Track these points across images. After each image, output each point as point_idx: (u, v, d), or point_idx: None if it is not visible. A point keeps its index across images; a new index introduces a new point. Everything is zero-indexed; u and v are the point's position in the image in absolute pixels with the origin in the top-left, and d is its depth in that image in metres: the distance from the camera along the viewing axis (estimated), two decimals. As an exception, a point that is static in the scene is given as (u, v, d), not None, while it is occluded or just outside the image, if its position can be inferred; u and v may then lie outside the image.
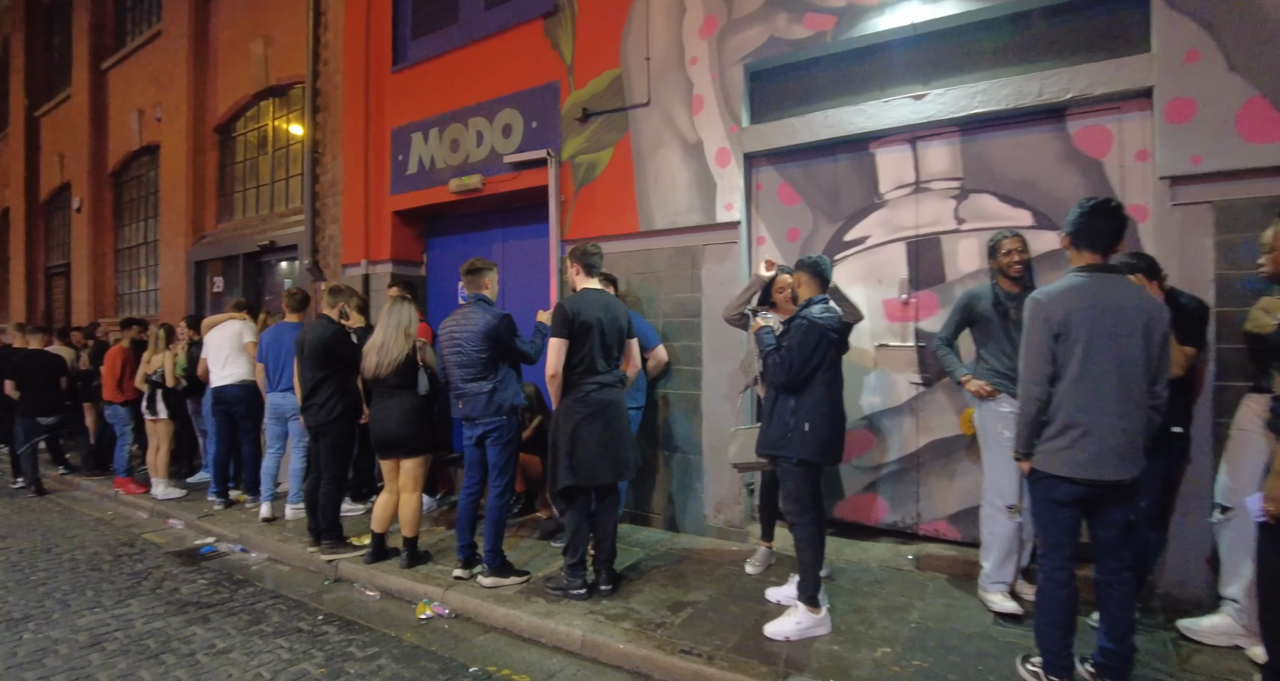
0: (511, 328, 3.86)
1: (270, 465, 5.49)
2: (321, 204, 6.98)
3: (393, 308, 4.11)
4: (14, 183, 14.17)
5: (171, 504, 6.01)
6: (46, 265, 13.66)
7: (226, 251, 8.48)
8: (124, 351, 6.72)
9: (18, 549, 4.96)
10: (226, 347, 5.72)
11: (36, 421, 6.82)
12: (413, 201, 6.13)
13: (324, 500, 4.41)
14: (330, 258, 6.88)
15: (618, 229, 4.83)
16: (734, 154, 4.42)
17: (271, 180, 8.37)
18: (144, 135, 10.33)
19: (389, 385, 4.07)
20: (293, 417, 5.33)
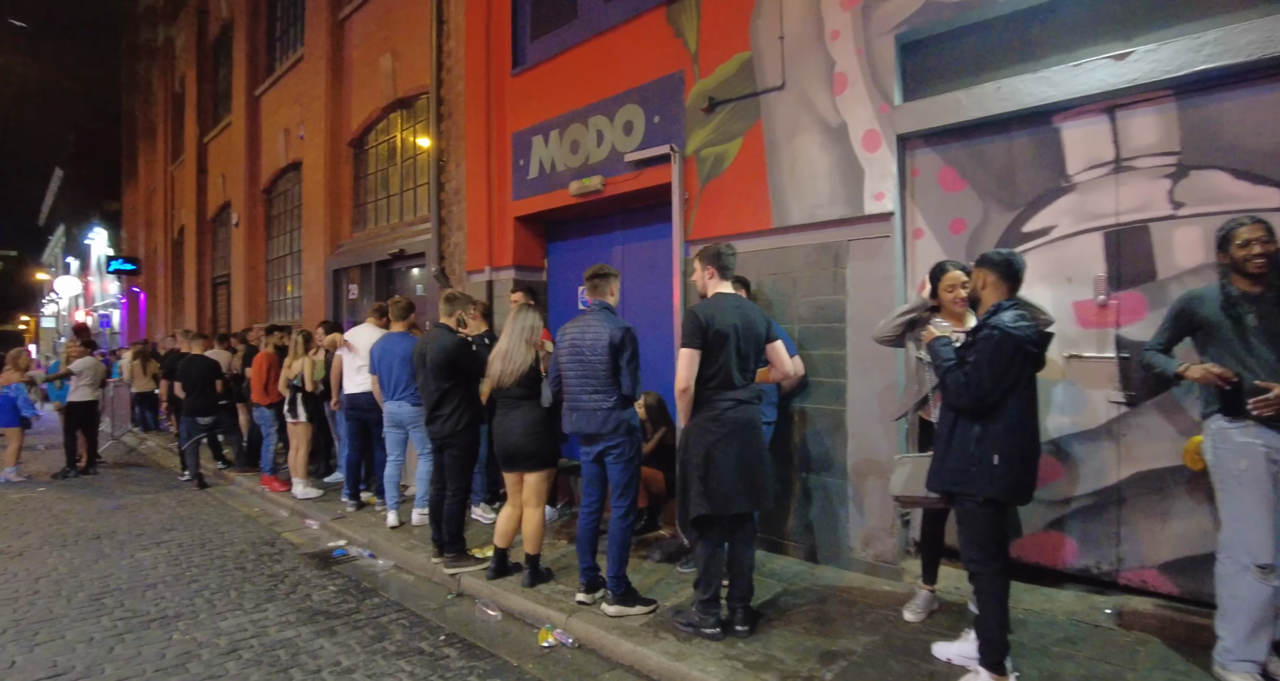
0: (634, 341, 3.57)
1: (392, 473, 5.54)
2: (447, 211, 7.05)
3: (517, 315, 3.94)
4: (187, 202, 15.78)
5: (309, 503, 6.24)
6: (212, 276, 15.08)
7: (360, 260, 8.85)
8: (269, 356, 7.09)
9: (178, 543, 5.27)
10: (361, 357, 5.83)
11: (196, 421, 7.35)
12: (534, 206, 6.02)
13: (448, 511, 4.31)
14: (455, 264, 6.94)
15: (748, 226, 4.43)
16: (885, 136, 3.89)
17: (400, 190, 8.64)
18: (289, 153, 11.07)
19: (512, 396, 3.89)
20: (411, 425, 5.35)
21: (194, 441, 7.45)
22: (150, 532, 5.57)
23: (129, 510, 6.37)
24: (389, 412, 5.42)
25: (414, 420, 5.34)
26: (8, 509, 6.48)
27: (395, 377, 5.29)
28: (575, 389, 3.63)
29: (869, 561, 3.95)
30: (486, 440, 5.24)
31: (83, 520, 5.99)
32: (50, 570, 4.64)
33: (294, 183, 11.32)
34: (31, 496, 7.04)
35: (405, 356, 5.28)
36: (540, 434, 3.88)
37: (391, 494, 5.49)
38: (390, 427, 5.47)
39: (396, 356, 5.29)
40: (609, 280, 3.72)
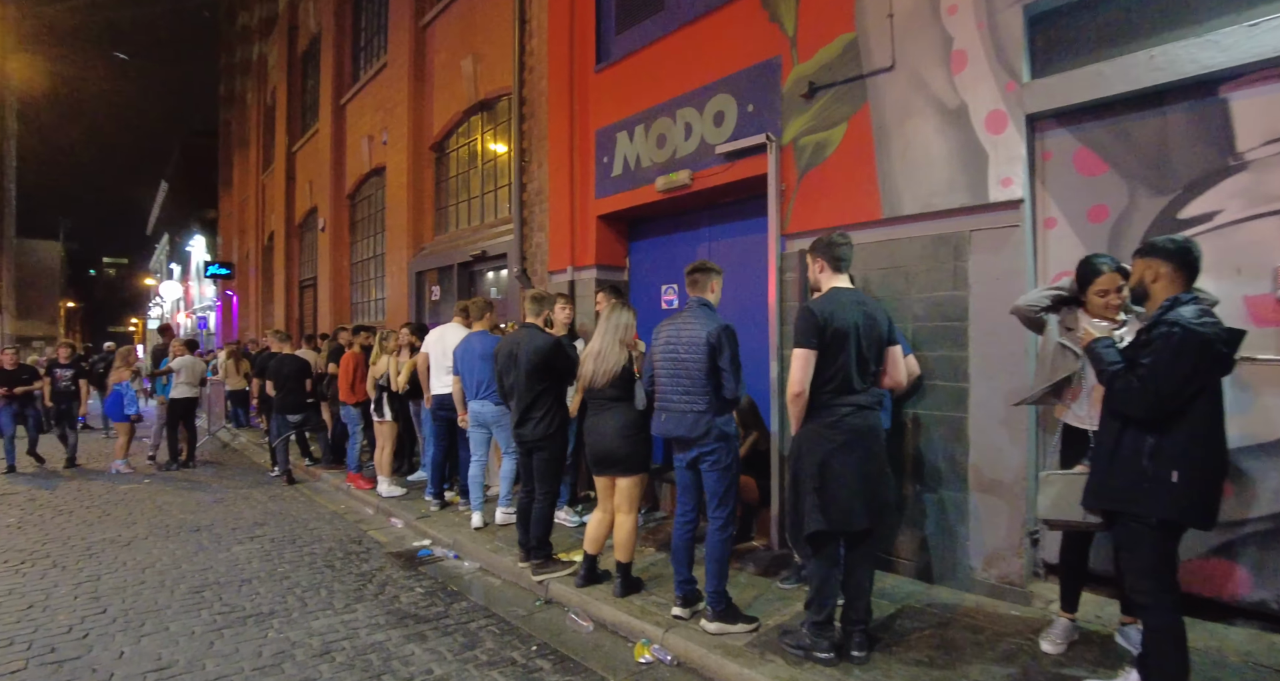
0: (733, 341, 3.34)
1: (476, 473, 5.50)
2: (528, 212, 7.01)
3: (611, 314, 3.78)
4: (277, 209, 16.50)
5: (393, 501, 6.27)
6: (300, 279, 15.70)
7: (442, 262, 8.94)
8: (355, 356, 7.21)
9: (270, 538, 5.36)
10: (449, 357, 5.82)
11: (286, 418, 7.55)
12: (617, 204, 5.88)
13: (537, 515, 4.19)
14: (537, 265, 6.88)
15: (853, 217, 4.13)
16: (1011, 117, 3.54)
17: (481, 192, 8.68)
18: (372, 158, 11.36)
19: (604, 397, 3.73)
20: (495, 424, 5.29)
21: (283, 438, 7.66)
22: (244, 527, 5.70)
23: (224, 504, 6.57)
24: (472, 412, 5.40)
25: (497, 419, 5.28)
26: (118, 499, 6.79)
27: (477, 377, 5.26)
28: (667, 389, 3.44)
29: (992, 583, 3.58)
30: (574, 441, 5.13)
31: (183, 512, 6.20)
32: (155, 560, 4.77)
33: (377, 187, 11.61)
34: (138, 488, 7.38)
35: (486, 355, 5.22)
36: (634, 437, 3.70)
37: (476, 494, 5.44)
38: (474, 427, 5.45)
39: (477, 355, 5.26)
40: (710, 276, 3.52)
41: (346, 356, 7.16)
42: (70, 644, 3.42)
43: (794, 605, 3.60)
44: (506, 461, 5.39)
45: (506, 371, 4.33)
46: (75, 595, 4.10)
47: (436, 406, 5.86)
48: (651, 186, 5.48)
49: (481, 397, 5.28)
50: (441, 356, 5.84)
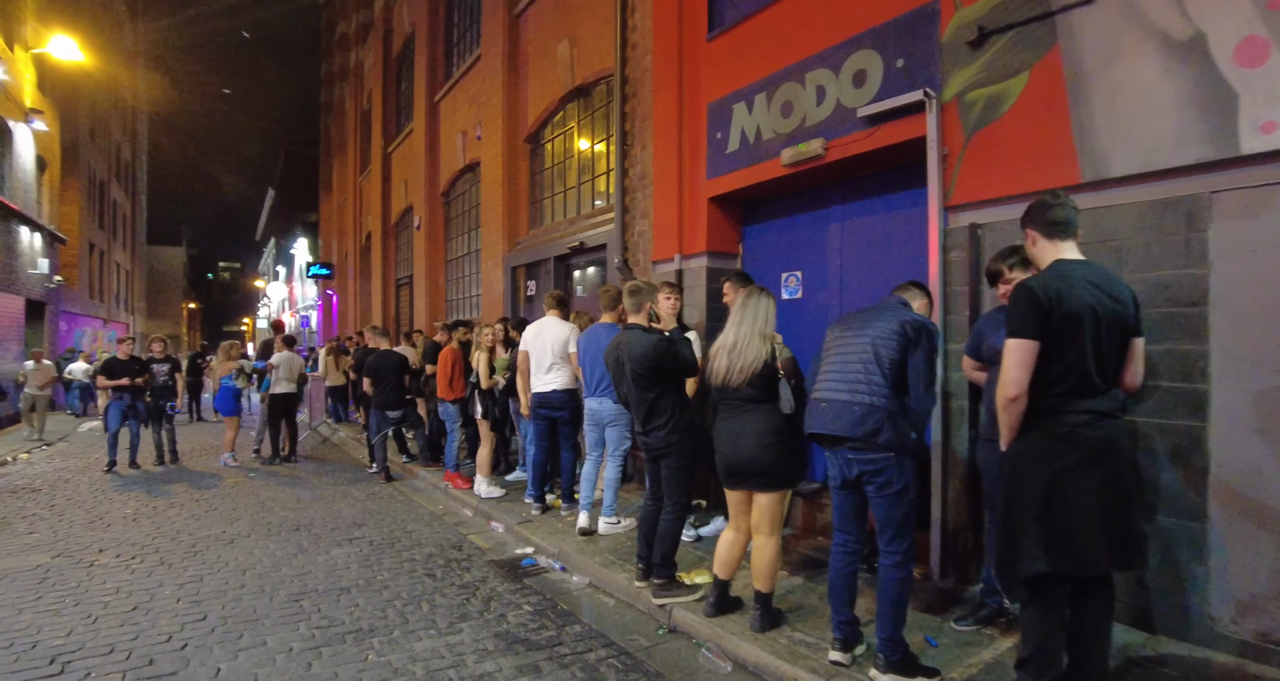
0: (932, 342, 2.76)
1: (589, 472, 5.11)
2: (630, 199, 6.56)
3: (747, 301, 3.24)
4: (374, 210, 16.88)
5: (492, 503, 5.96)
6: (396, 277, 15.96)
7: (538, 256, 8.65)
8: (453, 352, 6.97)
9: (369, 540, 5.12)
10: (550, 353, 5.44)
11: (385, 415, 7.41)
12: (733, 183, 5.32)
13: (664, 529, 3.69)
14: (640, 254, 6.42)
15: (1039, 182, 3.41)
16: (1276, 43, 2.75)
17: (578, 182, 8.32)
18: (466, 154, 11.26)
19: (741, 397, 3.19)
20: (610, 423, 4.87)
21: (382, 435, 7.53)
22: (343, 527, 5.50)
23: (324, 501, 6.45)
24: (589, 410, 4.99)
25: (614, 419, 4.87)
26: (224, 494, 6.81)
27: (599, 373, 4.85)
28: (834, 379, 2.84)
29: (1245, 639, 2.81)
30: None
31: (285, 509, 6.11)
32: (256, 561, 4.60)
33: (471, 184, 11.52)
34: (244, 482, 7.42)
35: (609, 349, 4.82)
36: (777, 445, 3.15)
37: (586, 492, 5.04)
38: (590, 426, 5.03)
39: (599, 350, 4.86)
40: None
41: (445, 352, 6.94)
42: (168, 656, 3.20)
43: (978, 654, 2.95)
44: (611, 466, 4.96)
45: (617, 380, 3.86)
46: (178, 597, 3.93)
47: (536, 404, 5.49)
48: (774, 161, 4.90)
49: (599, 395, 4.90)
50: (540, 352, 5.46)
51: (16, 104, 14.72)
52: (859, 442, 2.73)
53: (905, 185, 4.36)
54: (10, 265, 14.44)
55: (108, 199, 26.61)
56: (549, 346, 5.43)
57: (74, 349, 21.66)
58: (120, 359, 8.25)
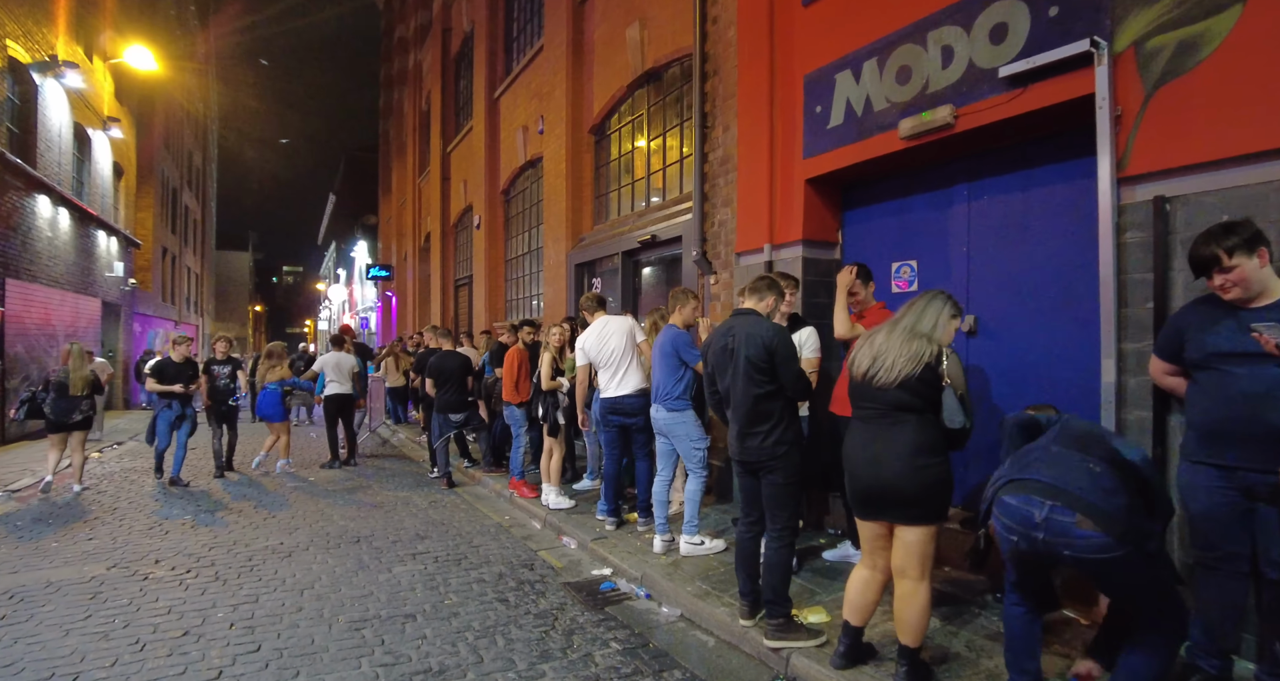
0: None
1: (660, 491, 4.61)
2: (710, 186, 6.02)
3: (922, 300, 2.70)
4: (433, 211, 16.79)
5: (561, 515, 5.50)
6: (455, 278, 15.81)
7: (604, 252, 8.20)
8: (519, 353, 6.56)
9: (434, 556, 4.71)
10: (620, 352, 4.95)
11: (449, 418, 7.05)
12: (835, 161, 4.73)
13: (770, 559, 3.14)
14: (721, 246, 5.87)
15: (1256, 143, 2.73)
16: None
17: (647, 173, 7.84)
18: (527, 150, 10.92)
19: (887, 403, 2.61)
20: (671, 434, 4.42)
21: (444, 439, 7.18)
22: (405, 540, 5.12)
23: (384, 510, 6.11)
24: (653, 419, 4.52)
25: (670, 428, 4.45)
26: (283, 500, 6.55)
27: (658, 376, 4.44)
28: None
29: None
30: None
31: (344, 519, 5.78)
32: (314, 579, 4.23)
33: (532, 180, 11.18)
34: (302, 487, 7.17)
35: (666, 353, 4.38)
36: (932, 467, 2.56)
37: (660, 515, 4.56)
38: (657, 437, 4.58)
39: (658, 352, 4.44)
40: None
41: (510, 353, 6.53)
42: (218, 695, 2.81)
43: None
44: (692, 480, 4.43)
45: (720, 370, 3.31)
46: (231, 621, 3.57)
47: (607, 410, 5.00)
48: (888, 134, 4.29)
49: (657, 401, 4.46)
50: (607, 354, 4.98)
51: (95, 112, 15.14)
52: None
53: (1056, 156, 3.71)
54: (88, 268, 14.84)
55: (180, 204, 27.53)
56: (617, 345, 4.94)
57: (150, 350, 22.48)
58: (174, 361, 7.38)
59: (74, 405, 6.71)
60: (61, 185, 12.94)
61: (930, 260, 4.49)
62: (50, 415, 6.66)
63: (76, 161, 14.40)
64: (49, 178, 12.24)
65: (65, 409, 6.68)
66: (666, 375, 4.39)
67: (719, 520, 5.13)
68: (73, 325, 13.81)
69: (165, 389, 7.26)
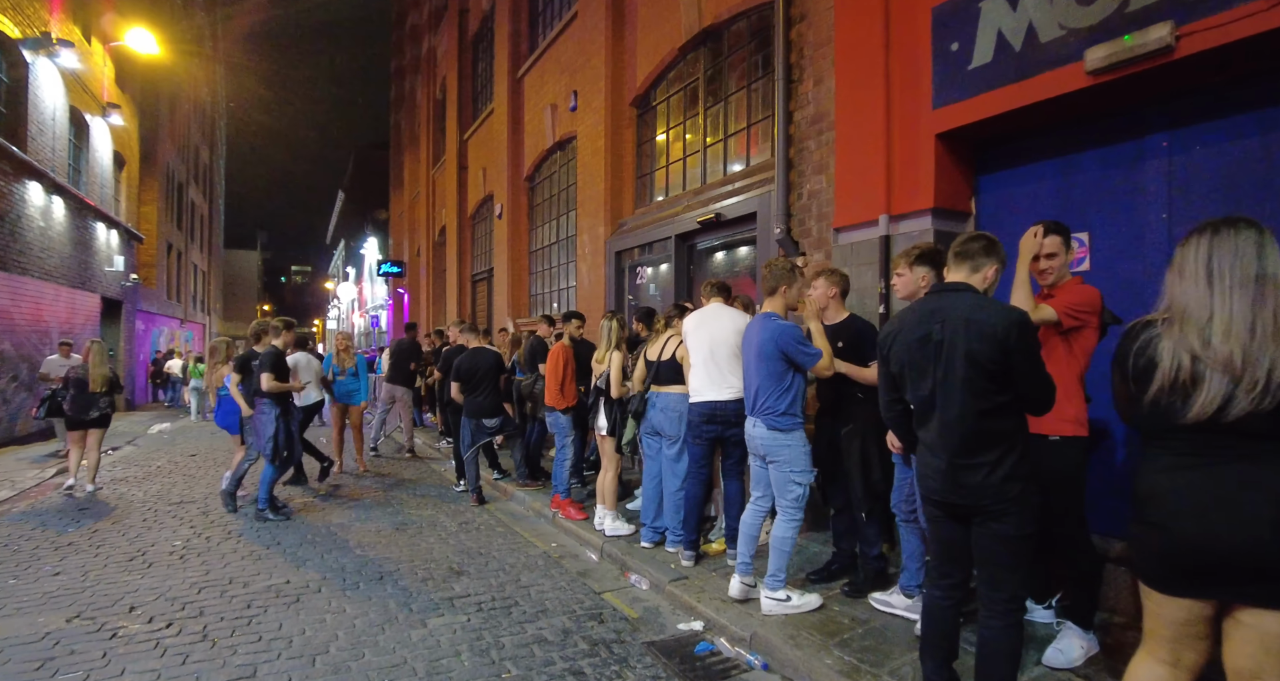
0: None
1: (751, 522, 3.65)
2: (797, 151, 5.07)
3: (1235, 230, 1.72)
4: (448, 202, 15.89)
5: (622, 545, 4.57)
6: (472, 273, 14.90)
7: (650, 237, 7.25)
8: (565, 350, 5.64)
9: (476, 602, 3.78)
10: (724, 351, 4.01)
11: (482, 424, 6.13)
12: (982, 109, 3.77)
13: (998, 646, 2.17)
14: (811, 222, 4.92)
15: None
16: None
17: (703, 146, 6.88)
18: (556, 130, 9.99)
19: (1247, 432, 1.65)
20: (770, 456, 3.44)
21: (476, 449, 6.25)
22: (438, 576, 4.20)
23: (409, 534, 5.18)
24: (746, 434, 3.56)
25: (770, 449, 3.45)
26: (285, 521, 5.62)
27: (757, 381, 3.46)
28: None
29: None
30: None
31: (362, 545, 4.85)
32: (329, 638, 3.29)
33: (562, 163, 10.26)
34: (312, 505, 6.24)
35: (765, 354, 3.45)
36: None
37: (745, 551, 3.60)
38: (751, 455, 3.61)
39: (753, 351, 3.47)
40: None
41: (556, 350, 5.61)
42: None
43: None
44: (783, 522, 3.45)
45: (917, 372, 2.31)
46: (219, 707, 2.65)
47: (703, 419, 4.05)
48: (1063, 70, 3.33)
49: (757, 414, 3.48)
50: (707, 349, 4.03)
51: (94, 97, 14.32)
52: None
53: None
54: (86, 262, 14.01)
55: (185, 199, 26.75)
56: (722, 341, 4.00)
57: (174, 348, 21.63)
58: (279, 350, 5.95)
59: (92, 402, 6.59)
60: (56, 173, 12.09)
61: (1110, 232, 3.52)
62: (68, 411, 6.59)
63: (73, 148, 13.55)
64: (41, 163, 11.39)
65: (83, 405, 6.57)
66: (767, 381, 3.44)
67: (808, 556, 4.20)
68: (68, 322, 12.97)
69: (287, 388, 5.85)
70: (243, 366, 5.86)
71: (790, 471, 3.43)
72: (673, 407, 4.44)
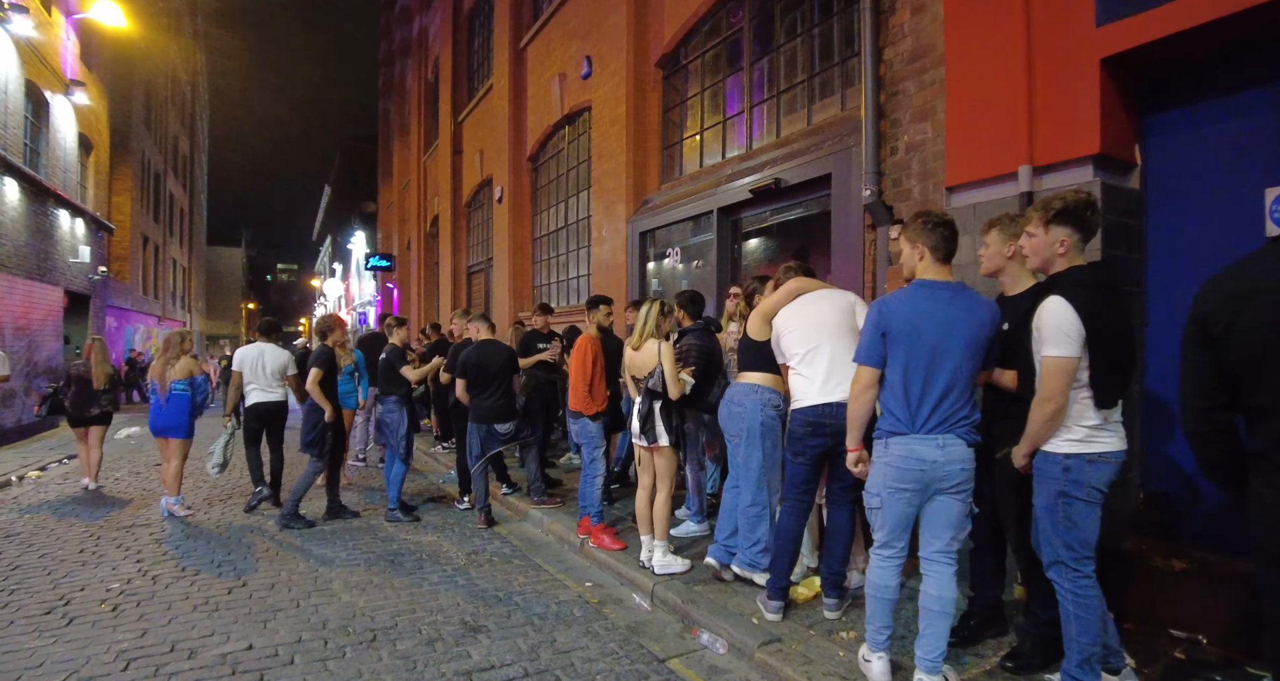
0: None
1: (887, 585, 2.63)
2: (890, 95, 4.11)
3: None
4: (442, 189, 14.86)
5: (679, 587, 3.61)
6: (468, 264, 13.88)
7: (683, 213, 6.28)
8: (593, 342, 4.67)
9: (506, 678, 2.80)
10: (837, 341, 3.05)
11: (494, 430, 5.14)
12: (1170, 22, 2.82)
13: None
14: (911, 181, 3.97)
15: None
16: None
17: (748, 107, 5.92)
18: (566, 102, 9.01)
19: None
20: (955, 489, 2.45)
21: (486, 461, 5.25)
22: (449, 636, 3.21)
23: (407, 571, 4.19)
24: (907, 458, 2.47)
25: (961, 478, 2.45)
26: (257, 551, 4.62)
27: (944, 378, 2.45)
28: None
29: None
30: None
31: (348, 589, 3.85)
32: (302, 748, 2.31)
33: (571, 138, 9.28)
34: (290, 536, 5.22)
35: (973, 341, 2.46)
36: None
37: (883, 620, 2.60)
38: (904, 488, 2.49)
39: (960, 336, 2.45)
40: None
41: (583, 342, 4.64)
42: None
43: None
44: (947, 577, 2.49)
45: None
46: None
47: (810, 426, 3.06)
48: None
49: (939, 430, 2.44)
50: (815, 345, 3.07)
51: (54, 73, 13.14)
52: None
53: None
54: (46, 252, 12.84)
55: (163, 192, 25.49)
56: (833, 328, 3.05)
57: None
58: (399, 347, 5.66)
59: (94, 398, 6.55)
60: (9, 152, 10.95)
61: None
62: (70, 408, 6.51)
63: (29, 126, 12.39)
64: (-12, 138, 10.27)
65: (85, 402, 6.52)
66: (970, 380, 2.46)
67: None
68: (25, 316, 11.82)
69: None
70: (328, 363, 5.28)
71: (968, 505, 2.49)
72: (737, 401, 3.53)
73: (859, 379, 2.58)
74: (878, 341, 2.52)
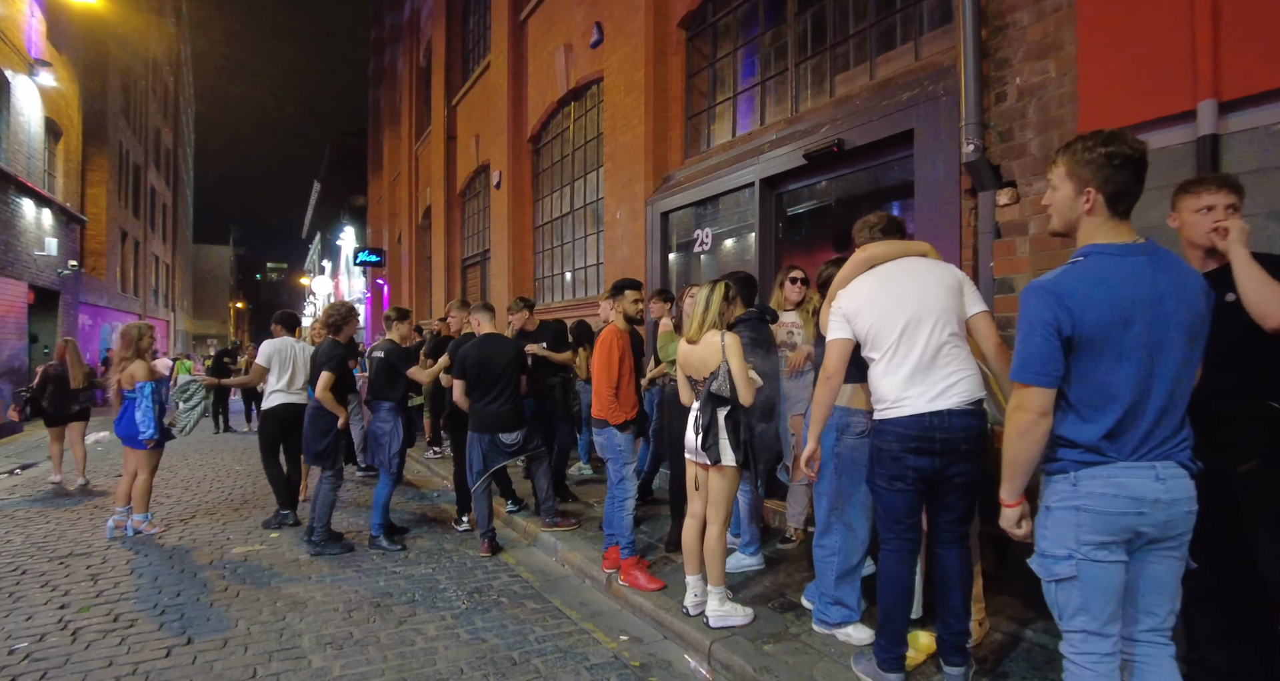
0: None
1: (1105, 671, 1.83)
2: (996, 32, 3.33)
3: None
4: (434, 179, 14.01)
5: (743, 644, 2.82)
6: (462, 257, 13.06)
7: (715, 189, 5.48)
8: (620, 336, 3.87)
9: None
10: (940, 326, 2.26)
11: (497, 440, 4.33)
12: None
13: None
14: (1027, 133, 3.19)
15: None
16: None
17: (791, 65, 5.12)
18: (572, 75, 8.19)
19: None
20: (1174, 543, 1.65)
21: (489, 478, 4.44)
22: (454, 722, 2.40)
23: (396, 617, 3.37)
24: (1114, 496, 1.61)
25: (1189, 522, 1.65)
26: (218, 586, 3.80)
27: (1147, 390, 1.65)
28: None
29: None
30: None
31: (320, 646, 3.04)
32: None
33: (578, 114, 8.47)
34: (255, 555, 4.39)
35: (1200, 322, 1.63)
36: None
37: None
38: (1111, 541, 1.64)
39: (1176, 320, 1.67)
40: None
41: (608, 335, 3.84)
42: None
43: None
44: (1168, 664, 1.70)
45: None
46: None
47: (908, 446, 2.26)
48: None
49: (1145, 454, 1.64)
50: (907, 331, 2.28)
51: (16, 50, 12.22)
52: None
53: None
54: (8, 243, 11.93)
55: (144, 184, 24.49)
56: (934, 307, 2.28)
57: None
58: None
59: (73, 397, 6.55)
60: (-39, 132, 10.05)
61: None
62: (48, 407, 6.50)
63: (-13, 106, 11.49)
64: (-63, 117, 9.36)
65: (64, 400, 6.53)
66: (1190, 382, 1.69)
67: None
68: (-17, 312, 10.93)
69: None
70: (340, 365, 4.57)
71: (1185, 561, 1.70)
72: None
73: (1027, 404, 1.71)
74: (1057, 348, 1.68)
